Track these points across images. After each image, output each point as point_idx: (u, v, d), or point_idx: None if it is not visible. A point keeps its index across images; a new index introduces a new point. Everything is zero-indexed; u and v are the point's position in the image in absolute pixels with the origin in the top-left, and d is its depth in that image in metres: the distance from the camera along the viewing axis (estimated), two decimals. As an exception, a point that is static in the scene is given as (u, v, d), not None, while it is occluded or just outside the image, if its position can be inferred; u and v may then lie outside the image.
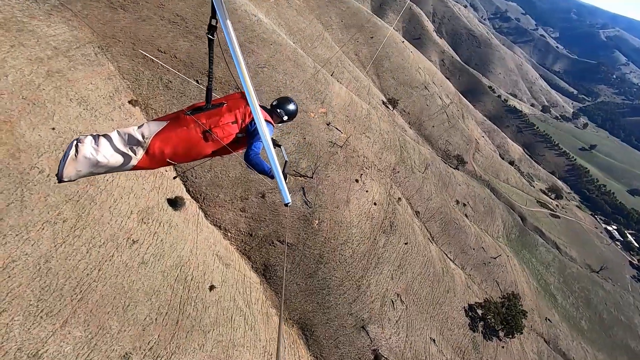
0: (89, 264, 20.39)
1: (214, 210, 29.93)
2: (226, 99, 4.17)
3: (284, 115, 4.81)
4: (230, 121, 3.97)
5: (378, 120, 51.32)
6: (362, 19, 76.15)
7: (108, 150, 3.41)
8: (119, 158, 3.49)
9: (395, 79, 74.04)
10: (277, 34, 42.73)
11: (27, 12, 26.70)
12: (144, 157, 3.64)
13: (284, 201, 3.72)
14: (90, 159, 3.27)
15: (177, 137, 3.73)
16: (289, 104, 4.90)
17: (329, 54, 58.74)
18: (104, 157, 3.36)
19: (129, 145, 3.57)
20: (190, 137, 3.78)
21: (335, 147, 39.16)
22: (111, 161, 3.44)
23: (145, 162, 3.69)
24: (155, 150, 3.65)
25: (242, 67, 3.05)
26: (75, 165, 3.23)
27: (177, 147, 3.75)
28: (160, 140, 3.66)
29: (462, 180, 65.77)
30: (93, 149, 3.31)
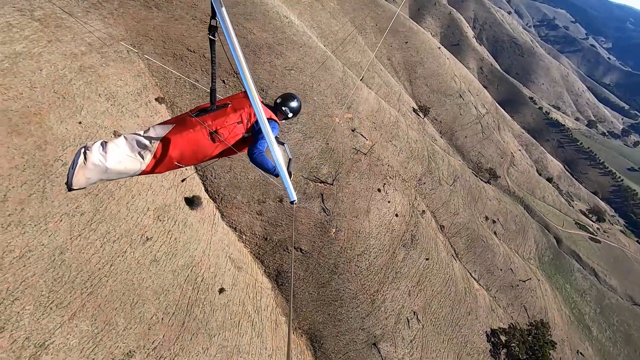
0: (101, 258, 20.66)
1: (230, 212, 29.76)
2: (230, 99, 4.16)
3: (289, 112, 4.83)
4: (235, 121, 3.97)
5: (406, 128, 49.61)
6: (397, 23, 74.40)
7: (116, 156, 3.39)
8: (127, 163, 3.48)
9: (428, 86, 71.66)
10: (308, 37, 42.26)
11: (66, 8, 27.77)
12: (152, 162, 3.63)
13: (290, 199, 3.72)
14: (100, 165, 3.26)
15: (184, 140, 3.72)
16: (292, 101, 4.85)
17: (360, 58, 57.69)
18: (112, 163, 3.35)
19: (137, 150, 3.55)
20: (197, 140, 3.77)
21: (359, 154, 38.07)
22: (120, 167, 3.43)
23: (153, 167, 3.69)
24: (163, 154, 3.63)
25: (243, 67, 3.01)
26: (85, 173, 3.21)
27: (184, 150, 3.74)
28: (168, 143, 3.65)
29: (494, 195, 62.41)
30: (101, 155, 3.29)
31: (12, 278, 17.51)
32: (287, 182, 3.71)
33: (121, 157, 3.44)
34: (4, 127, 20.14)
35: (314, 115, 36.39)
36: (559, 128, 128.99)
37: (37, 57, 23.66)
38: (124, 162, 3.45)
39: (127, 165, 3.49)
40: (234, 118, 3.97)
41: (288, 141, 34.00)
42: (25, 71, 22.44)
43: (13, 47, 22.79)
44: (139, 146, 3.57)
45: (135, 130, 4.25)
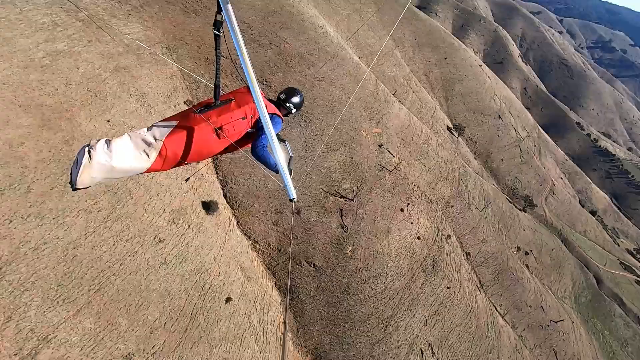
0: (112, 256, 20.83)
1: (246, 220, 29.43)
2: (234, 95, 4.12)
3: (292, 108, 4.82)
4: (240, 117, 3.94)
5: (437, 147, 47.61)
6: (437, 39, 72.49)
7: (121, 154, 3.32)
8: (132, 162, 3.41)
9: (465, 104, 68.92)
10: (342, 49, 41.76)
11: (109, 11, 28.96)
12: (157, 159, 3.55)
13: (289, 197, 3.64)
14: (105, 164, 3.20)
15: (188, 137, 3.67)
16: (294, 95, 4.85)
17: (395, 72, 56.47)
18: (118, 161, 3.28)
19: (142, 148, 3.49)
20: (202, 136, 3.72)
21: (384, 171, 36.75)
22: (125, 165, 3.36)
23: (158, 164, 3.62)
24: (168, 152, 3.57)
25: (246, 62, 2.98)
26: (90, 172, 3.14)
27: (189, 147, 3.70)
28: (173, 141, 3.59)
29: (528, 224, 58.40)
30: (106, 154, 3.23)
31: (25, 269, 17.93)
32: (287, 180, 3.65)
33: (126, 156, 3.36)
34: (37, 120, 20.97)
35: (341, 128, 35.61)
36: (608, 157, 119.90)
37: (76, 55, 24.67)
38: (129, 160, 3.38)
39: (133, 164, 3.42)
40: (239, 114, 3.92)
41: (312, 146, 33.42)
42: (63, 68, 23.41)
43: (55, 45, 23.89)
44: (143, 144, 3.50)
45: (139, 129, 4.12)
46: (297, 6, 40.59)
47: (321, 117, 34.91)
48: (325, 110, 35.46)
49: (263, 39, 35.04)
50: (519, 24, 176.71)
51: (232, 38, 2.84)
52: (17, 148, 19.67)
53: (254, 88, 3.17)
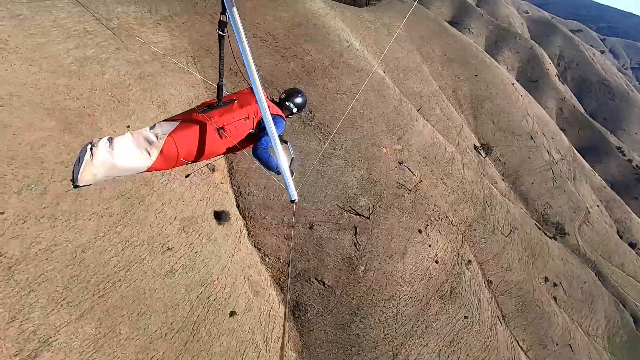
0: (120, 262, 20.85)
1: (257, 232, 29.01)
2: (237, 95, 4.24)
3: (293, 107, 4.83)
4: (242, 117, 4.02)
5: (462, 167, 45.72)
6: (468, 55, 70.63)
7: (123, 152, 3.37)
8: (134, 160, 3.46)
9: (495, 123, 66.34)
10: (367, 62, 41.22)
11: (139, 20, 29.89)
12: (158, 158, 3.60)
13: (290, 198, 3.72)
14: (106, 162, 3.26)
15: (190, 137, 3.75)
16: (297, 96, 4.85)
17: (422, 88, 55.23)
18: (119, 159, 3.33)
19: (144, 146, 3.53)
20: (203, 136, 3.78)
21: (403, 189, 35.48)
22: (127, 163, 3.40)
23: (159, 163, 3.66)
24: (169, 151, 3.62)
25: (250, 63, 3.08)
26: (92, 170, 3.20)
27: (190, 146, 3.77)
28: (174, 140, 3.64)
29: (558, 254, 54.71)
30: (108, 152, 3.30)
31: (34, 269, 18.18)
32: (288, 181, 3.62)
33: (128, 154, 3.42)
34: (60, 124, 21.58)
35: (360, 143, 34.80)
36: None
37: (104, 62, 25.44)
38: (130, 158, 3.43)
39: (134, 162, 3.46)
40: (241, 114, 4.00)
41: (329, 160, 32.77)
42: (89, 74, 24.15)
43: (84, 51, 24.75)
44: (145, 142, 3.54)
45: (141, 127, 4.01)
46: (324, 19, 40.57)
47: (340, 130, 34.28)
48: (346, 124, 34.83)
49: (287, 51, 35.08)
50: (557, 42, 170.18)
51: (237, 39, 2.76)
52: (37, 150, 20.26)
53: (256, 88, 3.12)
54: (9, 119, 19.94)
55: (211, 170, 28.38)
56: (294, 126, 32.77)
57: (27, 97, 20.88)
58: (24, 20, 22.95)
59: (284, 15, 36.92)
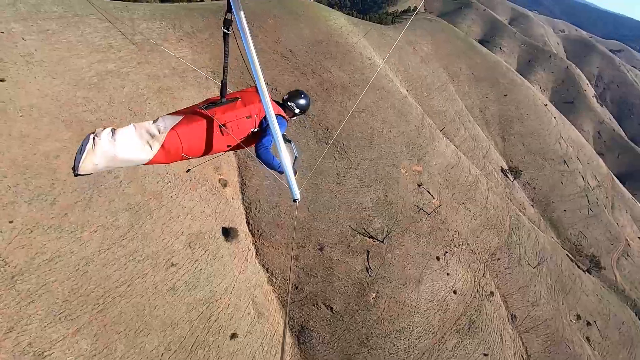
0: (122, 276, 20.60)
1: (266, 250, 28.25)
2: (240, 94, 4.20)
3: (295, 108, 4.79)
4: (245, 116, 3.99)
5: (487, 191, 43.38)
6: (497, 74, 68.32)
7: (125, 144, 3.35)
8: (135, 152, 3.42)
9: (525, 145, 63.21)
10: (389, 80, 40.39)
11: (163, 35, 30.63)
12: (159, 152, 3.54)
13: (293, 197, 3.58)
14: (107, 152, 3.24)
15: (192, 132, 3.68)
16: (300, 97, 4.82)
17: (446, 107, 53.59)
18: (120, 150, 3.32)
19: (146, 139, 3.50)
20: (205, 132, 3.75)
21: (421, 213, 33.83)
22: (128, 155, 3.39)
23: (160, 157, 3.60)
24: (170, 145, 3.58)
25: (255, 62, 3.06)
26: (93, 159, 3.17)
27: (192, 142, 3.71)
28: (176, 134, 3.59)
29: (592, 289, 50.39)
30: (110, 142, 3.27)
31: (36, 280, 18.18)
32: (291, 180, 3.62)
33: (130, 145, 3.40)
34: (75, 135, 21.97)
35: (377, 163, 33.67)
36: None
37: (124, 76, 26.01)
38: (132, 150, 3.41)
39: (135, 154, 3.45)
40: (244, 112, 3.98)
41: (344, 179, 31.79)
42: (109, 87, 24.67)
43: (106, 65, 25.41)
44: (147, 135, 3.53)
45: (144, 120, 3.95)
46: (346, 37, 40.31)
47: (357, 150, 33.37)
48: (363, 143, 33.90)
49: (306, 67, 34.87)
50: (596, 62, 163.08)
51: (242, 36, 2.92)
52: (52, 160, 20.62)
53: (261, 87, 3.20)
54: (27, 129, 20.48)
55: (223, 185, 28.11)
56: (309, 144, 32.21)
57: (47, 108, 21.45)
58: (52, 35, 23.88)
59: (305, 33, 36.95)
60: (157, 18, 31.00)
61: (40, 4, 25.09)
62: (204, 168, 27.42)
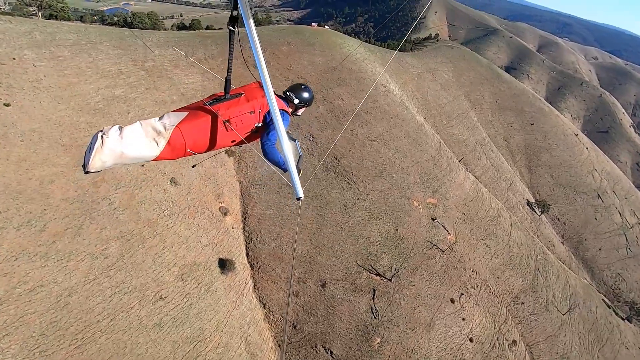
0: (105, 309, 19.57)
1: (264, 284, 26.69)
2: (244, 89, 4.20)
3: (298, 100, 4.64)
4: (248, 111, 4.01)
5: (510, 226, 40.27)
6: (523, 102, 65.59)
7: (132, 141, 3.38)
8: (142, 149, 3.47)
9: (554, 177, 59.35)
10: (404, 108, 39.07)
11: (175, 62, 30.95)
12: (166, 148, 3.59)
13: (296, 195, 3.54)
14: (115, 150, 3.27)
15: (197, 128, 3.74)
16: (302, 91, 4.71)
17: (467, 136, 51.38)
18: (128, 147, 3.35)
19: (152, 136, 3.53)
20: (210, 128, 3.80)
21: (434, 249, 31.43)
22: (135, 152, 3.42)
23: (167, 153, 3.65)
24: (176, 141, 3.64)
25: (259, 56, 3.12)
26: (101, 157, 3.20)
27: (197, 138, 3.77)
28: (181, 130, 3.64)
29: (634, 341, 44.95)
30: (117, 140, 3.29)
31: (14, 311, 17.43)
32: (295, 178, 3.53)
33: (137, 142, 3.41)
34: (73, 160, 21.80)
35: (388, 194, 31.88)
36: None
37: (131, 101, 26.06)
38: (139, 147, 3.43)
39: (142, 151, 3.46)
40: (247, 108, 3.98)
41: (352, 211, 30.09)
42: (113, 112, 24.68)
43: (113, 91, 25.58)
44: (154, 132, 3.53)
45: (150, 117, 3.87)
46: (361, 64, 39.68)
47: (367, 180, 31.80)
48: (373, 173, 32.33)
49: (317, 94, 34.17)
50: (632, 90, 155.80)
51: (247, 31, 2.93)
52: (46, 185, 20.39)
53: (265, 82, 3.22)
54: (25, 153, 20.46)
55: (223, 214, 27.14)
56: (315, 172, 31.00)
57: (48, 133, 21.48)
58: (63, 62, 24.37)
59: (318, 60, 36.59)
60: (172, 45, 31.48)
61: (57, 32, 25.86)
62: (204, 195, 26.66)
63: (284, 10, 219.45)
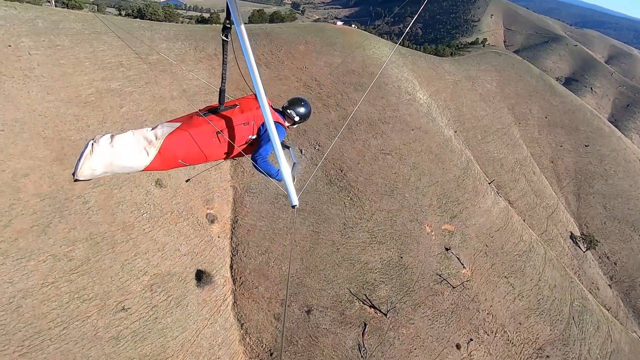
0: (59, 316, 18.44)
1: (244, 303, 24.61)
2: (239, 101, 4.18)
3: (295, 116, 4.60)
4: (242, 123, 3.98)
5: (543, 264, 34.96)
6: (579, 119, 57.98)
7: (122, 150, 3.37)
8: (132, 158, 3.45)
9: (607, 209, 51.70)
10: (430, 119, 35.17)
11: (181, 56, 29.67)
12: (156, 158, 3.55)
13: (291, 204, 3.54)
14: (105, 158, 3.26)
15: (189, 139, 3.69)
16: (300, 106, 4.64)
17: (506, 154, 45.95)
18: (117, 156, 3.35)
19: (143, 145, 3.50)
20: (202, 139, 3.74)
21: (443, 284, 27.62)
22: (125, 161, 3.41)
23: (157, 163, 3.61)
24: (167, 151, 3.58)
25: (253, 67, 3.13)
26: (90, 165, 3.21)
27: (189, 149, 3.71)
28: (173, 141, 3.60)
29: (691, 417, 37.53)
30: (108, 148, 3.29)
31: (-38, 310, 16.78)
32: (290, 187, 3.52)
33: (127, 151, 3.39)
34: (53, 154, 20.97)
35: (396, 216, 28.46)
36: None
37: (126, 95, 25.01)
38: (128, 156, 3.40)
39: (132, 160, 3.45)
40: (241, 119, 3.95)
41: (352, 232, 27.13)
42: (105, 106, 23.69)
43: (109, 84, 24.64)
44: (145, 142, 3.50)
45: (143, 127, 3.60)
46: (386, 68, 36.27)
47: (374, 198, 28.59)
48: (382, 190, 29.05)
49: (330, 99, 31.46)
50: None
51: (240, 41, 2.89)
52: (19, 179, 19.65)
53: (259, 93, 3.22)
54: (3, 144, 19.83)
55: (210, 221, 25.39)
56: (318, 185, 28.35)
57: (31, 123, 20.79)
58: (61, 51, 23.76)
59: (337, 61, 33.78)
60: (180, 39, 30.27)
61: (62, 20, 25.39)
62: (191, 200, 25.04)
63: (333, 8, 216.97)
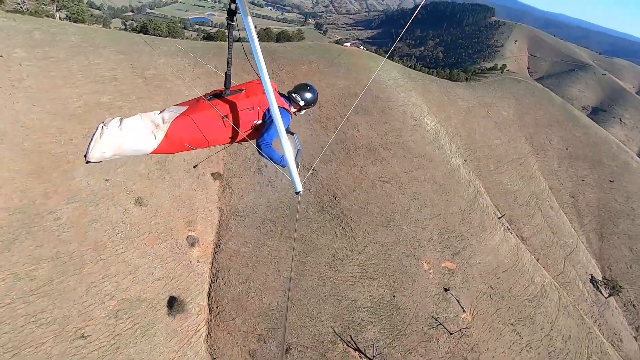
0: (11, 340, 17.27)
1: (219, 335, 22.88)
2: (245, 86, 4.15)
3: (301, 101, 4.55)
4: (247, 108, 3.96)
5: (556, 311, 31.71)
6: (604, 153, 54.42)
7: (130, 133, 3.42)
8: (140, 141, 3.49)
9: (633, 251, 47.44)
10: (436, 147, 33.27)
11: (177, 72, 29.28)
12: (163, 141, 3.59)
13: (295, 190, 3.49)
14: (114, 141, 3.32)
15: (195, 122, 3.72)
16: (306, 91, 4.61)
17: (520, 186, 43.16)
18: (126, 139, 3.39)
19: (150, 129, 3.55)
20: (208, 123, 3.77)
21: (439, 329, 25.08)
22: (132, 144, 3.45)
23: (164, 146, 3.64)
24: (174, 135, 3.63)
25: (258, 51, 3.10)
26: (100, 147, 3.27)
27: (195, 133, 3.74)
28: (180, 124, 3.65)
29: None
30: (116, 131, 3.35)
31: None
32: (294, 174, 3.48)
33: (135, 135, 3.44)
34: (31, 167, 20.35)
35: (391, 250, 26.39)
36: None
37: (115, 109, 24.48)
38: (137, 139, 3.45)
39: (140, 143, 3.49)
40: (246, 104, 3.93)
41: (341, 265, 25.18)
42: (92, 120, 23.13)
43: (99, 97, 24.23)
44: (152, 125, 3.56)
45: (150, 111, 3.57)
46: (392, 92, 34.88)
47: (368, 228, 26.70)
48: (378, 221, 27.14)
49: (329, 121, 30.19)
50: None
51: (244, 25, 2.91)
52: (-10, 191, 19.16)
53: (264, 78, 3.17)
54: (-21, 155, 19.55)
55: (190, 244, 24.10)
56: (308, 211, 26.76)
57: (12, 134, 20.34)
58: (54, 63, 23.62)
59: (339, 83, 32.68)
60: (181, 55, 29.91)
61: (60, 32, 25.45)
62: (172, 221, 23.90)
63: (355, 29, 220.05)
